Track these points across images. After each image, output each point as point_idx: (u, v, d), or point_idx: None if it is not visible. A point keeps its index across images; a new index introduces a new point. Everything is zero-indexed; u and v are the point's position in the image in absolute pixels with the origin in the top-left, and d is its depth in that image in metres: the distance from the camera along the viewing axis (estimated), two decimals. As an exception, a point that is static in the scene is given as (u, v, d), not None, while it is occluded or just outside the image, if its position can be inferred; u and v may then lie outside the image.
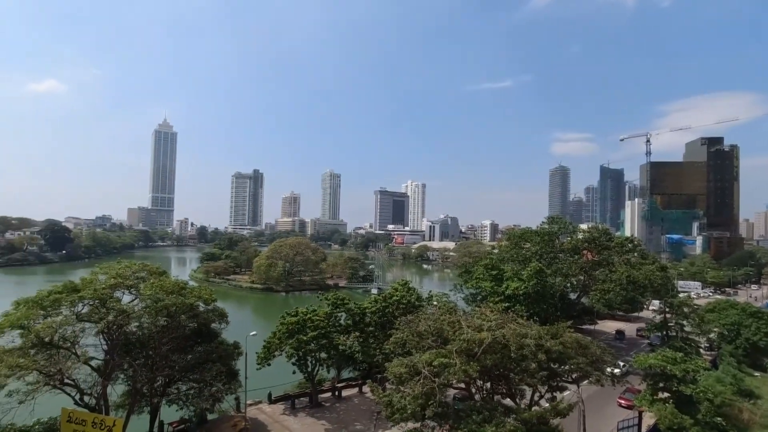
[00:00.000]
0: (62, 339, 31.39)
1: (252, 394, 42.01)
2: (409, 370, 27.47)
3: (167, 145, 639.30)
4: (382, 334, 45.83)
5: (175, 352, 36.35)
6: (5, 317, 30.33)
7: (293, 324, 42.86)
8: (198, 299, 37.54)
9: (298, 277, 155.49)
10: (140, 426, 36.71)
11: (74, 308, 32.47)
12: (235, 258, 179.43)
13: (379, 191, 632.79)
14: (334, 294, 50.72)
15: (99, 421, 27.57)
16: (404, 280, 54.75)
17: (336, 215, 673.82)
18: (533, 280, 63.14)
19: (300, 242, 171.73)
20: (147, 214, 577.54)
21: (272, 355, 42.42)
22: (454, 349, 28.19)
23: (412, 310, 45.60)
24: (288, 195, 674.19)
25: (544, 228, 80.00)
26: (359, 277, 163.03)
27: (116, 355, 33.45)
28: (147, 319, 34.90)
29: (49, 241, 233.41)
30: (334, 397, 47.29)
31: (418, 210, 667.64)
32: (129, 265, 38.69)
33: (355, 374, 52.69)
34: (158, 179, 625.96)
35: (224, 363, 38.10)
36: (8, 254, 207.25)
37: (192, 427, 37.96)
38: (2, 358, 28.39)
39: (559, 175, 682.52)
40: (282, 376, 45.80)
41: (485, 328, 29.92)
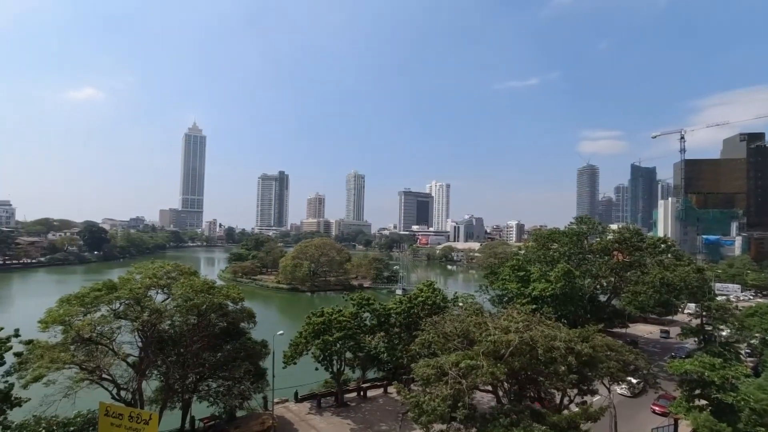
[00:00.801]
0: (101, 336, 32.78)
1: (279, 393, 42.69)
2: (436, 372, 27.36)
3: (197, 148, 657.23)
4: (407, 335, 45.79)
5: (206, 350, 37.42)
6: (49, 313, 31.87)
7: (319, 324, 43.33)
8: (226, 298, 38.47)
9: (323, 278, 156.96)
10: (173, 421, 37.94)
11: (111, 306, 33.84)
12: (262, 258, 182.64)
13: (403, 192, 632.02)
14: (359, 294, 51.00)
15: (135, 415, 28.60)
16: (429, 281, 54.50)
17: (360, 216, 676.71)
18: (561, 282, 61.78)
19: (325, 243, 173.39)
20: (178, 215, 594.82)
21: (298, 355, 43.00)
22: (481, 350, 27.91)
23: (438, 311, 45.37)
24: (313, 196, 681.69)
25: (573, 228, 78.09)
26: (384, 278, 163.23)
27: (150, 352, 34.70)
28: (179, 317, 36.11)
29: (88, 242, 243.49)
30: (360, 397, 47.55)
31: (442, 210, 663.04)
32: (162, 265, 39.97)
33: (380, 375, 52.81)
34: (188, 181, 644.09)
35: (252, 362, 38.93)
36: (51, 254, 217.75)
37: (221, 424, 38.87)
38: (45, 352, 29.87)
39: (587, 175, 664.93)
40: (308, 375, 46.38)
41: (512, 329, 29.50)
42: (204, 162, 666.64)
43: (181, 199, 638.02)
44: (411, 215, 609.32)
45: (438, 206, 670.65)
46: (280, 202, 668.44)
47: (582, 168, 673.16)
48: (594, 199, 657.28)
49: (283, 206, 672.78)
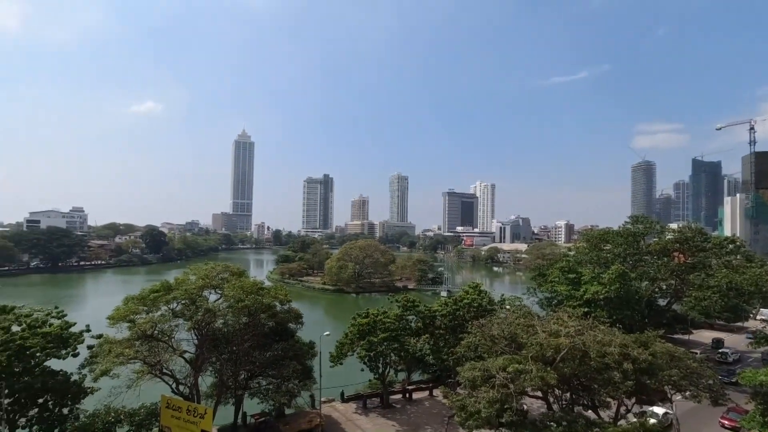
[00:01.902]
0: (161, 333, 34.85)
1: (325, 392, 43.44)
2: (483, 375, 26.85)
3: (246, 154, 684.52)
4: (452, 337, 45.22)
5: (256, 349, 38.76)
6: (116, 311, 34.34)
7: (364, 325, 43.71)
8: (274, 299, 39.68)
9: (367, 279, 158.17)
10: (226, 416, 39.59)
11: (170, 305, 35.89)
12: (308, 260, 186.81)
13: (447, 193, 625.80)
14: (403, 296, 50.96)
15: (192, 409, 30.18)
16: (475, 283, 53.54)
17: (404, 217, 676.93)
18: (615, 284, 58.68)
19: (369, 244, 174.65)
20: (229, 218, 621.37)
21: (344, 355, 43.56)
22: (530, 355, 27.08)
23: (484, 313, 44.49)
24: (357, 198, 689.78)
25: (627, 228, 73.93)
26: (428, 280, 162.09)
27: (205, 350, 36.47)
28: (230, 317, 37.70)
29: (149, 244, 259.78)
30: (405, 399, 47.47)
31: (487, 211, 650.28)
32: (214, 267, 41.94)
33: (424, 377, 52.49)
34: (238, 186, 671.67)
35: (300, 361, 39.86)
36: (117, 256, 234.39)
37: (271, 421, 40.04)
38: (112, 347, 32.16)
39: (642, 171, 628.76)
40: (353, 375, 46.88)
41: (563, 334, 28.39)
42: (253, 167, 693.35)
43: (231, 203, 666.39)
44: (455, 216, 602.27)
45: (483, 207, 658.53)
46: (324, 205, 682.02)
47: (637, 164, 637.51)
48: (650, 197, 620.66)
49: (327, 209, 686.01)
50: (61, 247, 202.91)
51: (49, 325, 31.22)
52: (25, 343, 28.09)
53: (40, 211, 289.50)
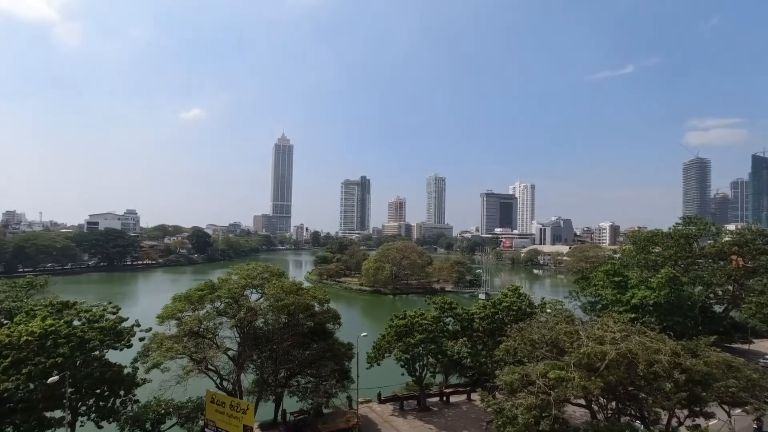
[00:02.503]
0: (206, 330, 36.39)
1: (362, 393, 43.74)
2: (522, 380, 26.21)
3: (285, 157, 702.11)
4: (491, 340, 44.44)
5: (295, 348, 39.65)
6: (164, 309, 36.19)
7: (401, 327, 43.71)
8: (313, 299, 40.46)
9: (404, 281, 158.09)
10: (267, 412, 40.70)
11: (214, 304, 37.40)
12: (345, 261, 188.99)
13: (485, 194, 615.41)
14: (441, 298, 50.57)
15: (235, 404, 31.27)
16: (514, 285, 52.36)
17: (441, 219, 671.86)
18: (665, 289, 55.65)
19: (406, 246, 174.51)
20: (269, 220, 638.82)
21: (381, 357, 43.74)
22: (572, 361, 26.15)
23: (524, 317, 43.40)
24: (394, 200, 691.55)
25: (679, 229, 69.95)
26: (466, 282, 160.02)
27: (247, 348, 37.69)
28: (271, 316, 38.78)
29: (195, 245, 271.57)
30: (442, 402, 47.04)
31: (526, 212, 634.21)
32: (255, 267, 43.32)
33: (462, 380, 51.82)
34: (278, 188, 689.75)
35: (337, 361, 40.41)
36: (166, 256, 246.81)
37: (309, 419, 40.75)
38: (163, 343, 33.86)
39: (695, 169, 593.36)
40: (390, 377, 46.95)
41: (608, 340, 27.23)
42: (292, 170, 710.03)
43: (271, 205, 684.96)
44: (494, 217, 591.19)
45: (522, 208, 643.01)
46: (362, 207, 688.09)
47: (689, 162, 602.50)
48: (704, 197, 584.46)
49: (365, 210, 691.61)
50: (117, 248, 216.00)
51: (105, 320, 33.27)
52: (85, 336, 30.09)
53: (99, 214, 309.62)
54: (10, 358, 27.32)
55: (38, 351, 27.97)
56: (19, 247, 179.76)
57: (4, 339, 28.10)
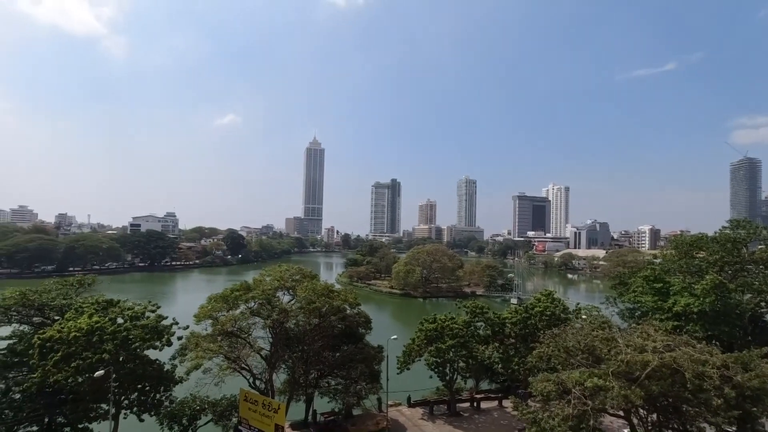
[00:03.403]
0: (240, 330, 37.37)
1: (392, 396, 43.74)
2: (557, 389, 25.45)
3: (317, 160, 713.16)
4: (523, 346, 43.52)
5: (326, 350, 40.14)
6: (201, 309, 37.43)
7: (431, 331, 43.45)
8: (344, 302, 40.79)
9: (435, 284, 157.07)
10: (298, 412, 41.34)
11: (248, 305, 38.35)
12: (376, 264, 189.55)
13: (518, 196, 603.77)
14: (471, 302, 49.95)
15: (267, 403, 31.95)
16: (547, 290, 51.05)
17: (472, 222, 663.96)
18: (711, 296, 52.66)
19: (437, 249, 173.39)
20: (300, 223, 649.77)
21: (412, 361, 43.61)
22: (611, 370, 25.19)
23: (558, 322, 42.23)
24: (424, 203, 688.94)
25: (726, 233, 66.04)
26: (497, 286, 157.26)
27: (279, 348, 38.44)
28: (302, 318, 39.38)
29: (230, 247, 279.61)
30: (473, 408, 46.38)
31: (560, 215, 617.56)
32: (288, 269, 44.14)
33: (493, 386, 50.92)
34: (309, 191, 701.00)
35: (368, 364, 40.57)
36: (202, 257, 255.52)
37: (339, 420, 41.12)
38: (200, 342, 35.02)
39: (745, 169, 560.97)
40: (420, 381, 46.74)
41: (649, 349, 26.07)
42: (323, 173, 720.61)
43: (303, 207, 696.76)
44: (526, 221, 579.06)
45: (556, 211, 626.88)
46: (392, 209, 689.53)
47: (737, 162, 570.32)
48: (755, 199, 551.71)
49: (395, 213, 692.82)
50: (157, 249, 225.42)
51: (146, 318, 34.74)
52: (128, 335, 31.52)
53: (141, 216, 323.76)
54: (61, 353, 28.97)
55: (86, 346, 29.51)
56: (70, 248, 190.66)
57: (56, 334, 29.83)
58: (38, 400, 30.37)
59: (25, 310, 36.10)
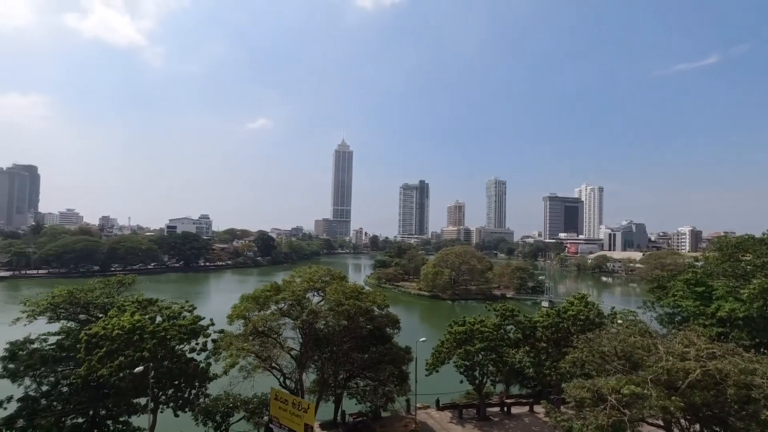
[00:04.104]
0: (270, 330, 38.16)
1: (420, 398, 43.59)
2: (592, 396, 24.70)
3: (345, 162, 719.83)
4: (555, 351, 42.51)
5: (355, 351, 40.39)
6: (233, 309, 38.47)
7: (460, 333, 43.08)
8: (373, 304, 40.99)
9: (463, 286, 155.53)
10: (327, 412, 41.78)
11: (278, 305, 39.12)
12: (404, 265, 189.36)
13: (549, 197, 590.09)
14: (501, 305, 49.21)
15: (297, 403, 32.51)
16: (581, 293, 49.69)
17: (501, 223, 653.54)
18: (759, 301, 49.84)
19: (466, 251, 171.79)
20: (329, 224, 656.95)
21: (441, 363, 43.34)
22: (649, 377, 24.25)
23: (591, 327, 41.00)
24: (453, 204, 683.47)
25: (775, 235, 62.48)
26: (528, 288, 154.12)
27: (309, 348, 39.00)
28: (331, 319, 39.81)
29: (260, 248, 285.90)
30: (503, 412, 45.63)
31: (593, 216, 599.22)
32: (317, 270, 44.75)
33: (523, 391, 49.94)
34: (338, 193, 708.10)
35: (396, 365, 40.58)
36: (235, 258, 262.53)
37: (368, 421, 41.30)
38: (233, 341, 35.99)
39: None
40: (449, 384, 46.36)
41: (691, 356, 24.95)
42: (351, 175, 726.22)
43: (332, 209, 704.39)
44: (557, 222, 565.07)
45: (589, 212, 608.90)
46: (420, 211, 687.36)
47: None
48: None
49: (423, 214, 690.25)
50: (192, 250, 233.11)
51: (183, 318, 36.00)
52: (167, 334, 32.77)
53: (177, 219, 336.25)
54: (105, 348, 30.42)
55: (127, 343, 30.86)
56: (112, 249, 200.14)
57: (101, 331, 31.36)
58: (84, 393, 31.98)
59: (72, 307, 38.18)
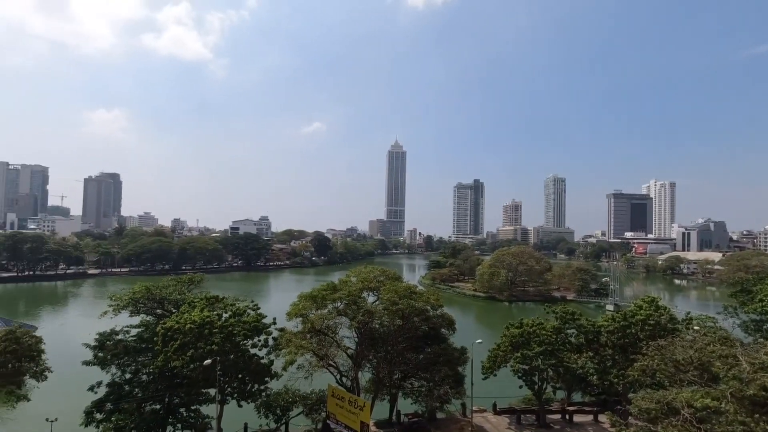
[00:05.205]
0: (327, 328, 39.26)
1: (476, 401, 42.83)
2: (662, 408, 23.09)
3: (398, 163, 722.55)
4: (622, 357, 40.14)
5: (409, 351, 40.58)
6: (292, 307, 40.03)
7: (516, 336, 41.89)
8: (427, 304, 40.94)
9: (521, 287, 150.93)
10: (382, 411, 42.25)
11: (334, 304, 40.18)
12: (459, 266, 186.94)
13: (613, 194, 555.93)
14: (562, 307, 47.20)
15: (353, 401, 33.19)
16: (650, 297, 46.49)
17: (561, 222, 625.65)
18: None
19: (523, 251, 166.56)
20: (383, 225, 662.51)
21: (497, 367, 42.37)
22: (729, 391, 22.25)
23: (663, 333, 38.27)
24: (509, 203, 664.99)
25: None
26: (590, 291, 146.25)
27: (364, 347, 39.69)
28: (386, 318, 40.24)
29: (316, 248, 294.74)
30: (564, 420, 43.73)
31: (664, 214, 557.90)
32: (372, 270, 45.44)
33: (586, 399, 47.56)
34: (392, 194, 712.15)
35: (451, 367, 40.26)
36: (292, 258, 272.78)
37: (423, 422, 41.23)
38: (292, 338, 37.47)
39: None
40: (506, 387, 45.16)
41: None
42: (405, 175, 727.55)
43: (386, 210, 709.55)
44: (623, 220, 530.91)
45: (659, 209, 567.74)
46: (475, 210, 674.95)
47: None
48: None
49: (478, 214, 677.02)
50: (253, 250, 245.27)
51: (247, 315, 38.04)
52: (232, 329, 34.81)
53: (239, 220, 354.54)
54: (178, 341, 32.87)
55: (198, 337, 33.15)
56: (183, 249, 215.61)
57: (174, 325, 33.95)
58: (160, 382, 34.81)
59: (149, 303, 41.65)
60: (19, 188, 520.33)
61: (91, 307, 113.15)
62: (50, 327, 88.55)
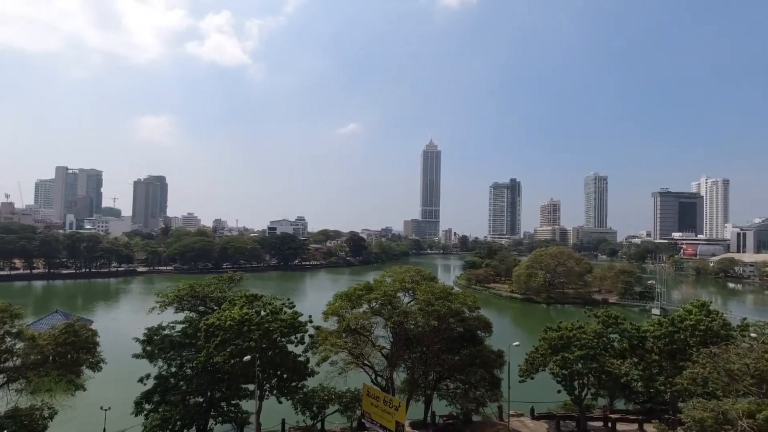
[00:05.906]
0: (362, 328, 39.63)
1: (513, 405, 42.04)
2: (716, 419, 21.87)
3: (433, 162, 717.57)
4: (669, 364, 38.26)
5: (445, 352, 40.26)
6: (329, 306, 40.67)
7: (555, 339, 40.73)
8: (463, 305, 40.51)
9: (559, 289, 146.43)
10: (417, 412, 42.14)
11: (369, 304, 40.48)
12: (495, 266, 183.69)
13: (659, 192, 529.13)
14: (603, 310, 45.51)
15: (388, 400, 33.30)
16: (701, 300, 44.01)
17: (602, 222, 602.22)
18: None
19: (562, 252, 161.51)
20: (418, 225, 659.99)
21: (535, 370, 41.36)
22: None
23: (715, 340, 36.18)
24: (546, 202, 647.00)
25: None
26: (634, 294, 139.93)
27: (399, 348, 39.75)
28: (421, 319, 40.15)
29: (352, 248, 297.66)
30: (606, 428, 42.09)
31: (716, 213, 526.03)
32: (407, 270, 45.43)
33: (630, 406, 45.59)
34: (426, 194, 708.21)
35: (487, 369, 39.65)
36: (328, 257, 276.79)
37: (458, 424, 40.82)
38: (328, 337, 38.07)
39: None
40: (543, 392, 43.97)
41: None
42: (440, 175, 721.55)
43: (420, 210, 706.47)
44: (670, 220, 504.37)
45: (710, 208, 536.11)
46: (512, 210, 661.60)
47: None
48: None
49: (515, 214, 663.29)
50: (290, 250, 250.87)
51: (284, 313, 38.96)
52: (270, 327, 35.77)
53: (276, 221, 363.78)
54: (219, 337, 34.14)
55: (237, 334, 34.29)
56: (223, 248, 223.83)
57: (216, 322, 35.30)
58: (203, 376, 36.27)
59: (193, 300, 43.43)
60: (77, 191, 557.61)
61: (140, 302, 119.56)
62: (104, 321, 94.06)
